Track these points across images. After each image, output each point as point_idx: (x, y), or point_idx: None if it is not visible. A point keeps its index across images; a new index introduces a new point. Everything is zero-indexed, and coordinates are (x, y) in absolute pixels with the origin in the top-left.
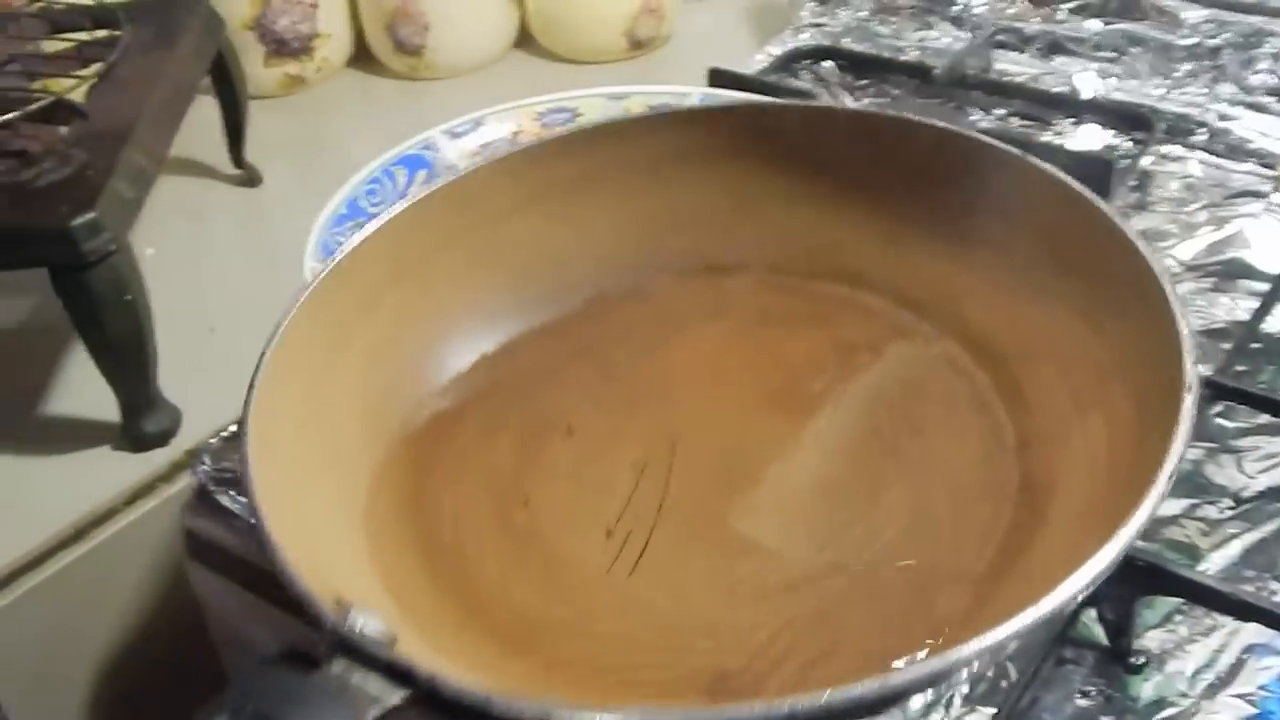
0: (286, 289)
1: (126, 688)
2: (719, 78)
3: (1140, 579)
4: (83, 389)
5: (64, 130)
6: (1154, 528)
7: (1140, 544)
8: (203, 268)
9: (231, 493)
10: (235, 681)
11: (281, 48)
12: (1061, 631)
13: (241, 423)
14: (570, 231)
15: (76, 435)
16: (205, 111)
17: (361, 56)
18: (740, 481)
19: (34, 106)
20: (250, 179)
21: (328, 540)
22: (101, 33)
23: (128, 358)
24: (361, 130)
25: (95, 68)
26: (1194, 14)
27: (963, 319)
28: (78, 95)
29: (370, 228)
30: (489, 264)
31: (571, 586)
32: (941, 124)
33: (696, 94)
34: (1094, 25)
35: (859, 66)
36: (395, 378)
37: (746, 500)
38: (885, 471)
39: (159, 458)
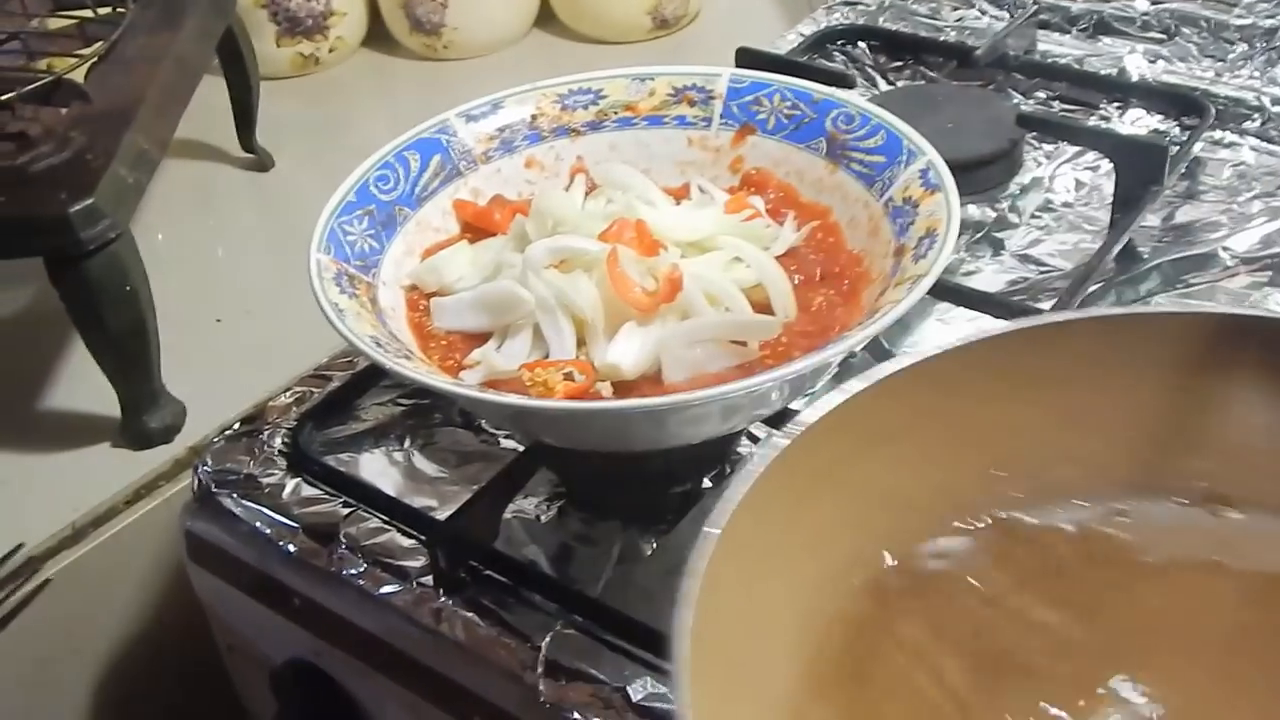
0: (298, 279)
1: (129, 692)
2: (746, 57)
3: None
4: (82, 382)
5: (64, 112)
6: None
7: None
8: (210, 256)
9: (234, 495)
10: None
11: (294, 26)
12: None
13: (682, 603)
14: (1057, 428)
15: (75, 431)
16: (217, 92)
17: (377, 36)
18: None
19: (33, 86)
20: (262, 163)
21: None
22: (106, 10)
23: (129, 352)
24: (377, 112)
25: (98, 46)
26: None
27: None
28: (79, 75)
29: (838, 398)
30: (960, 451)
31: None
32: None
33: (726, 74)
34: (1142, 4)
35: (894, 47)
36: (841, 564)
37: None
38: None
39: (162, 455)
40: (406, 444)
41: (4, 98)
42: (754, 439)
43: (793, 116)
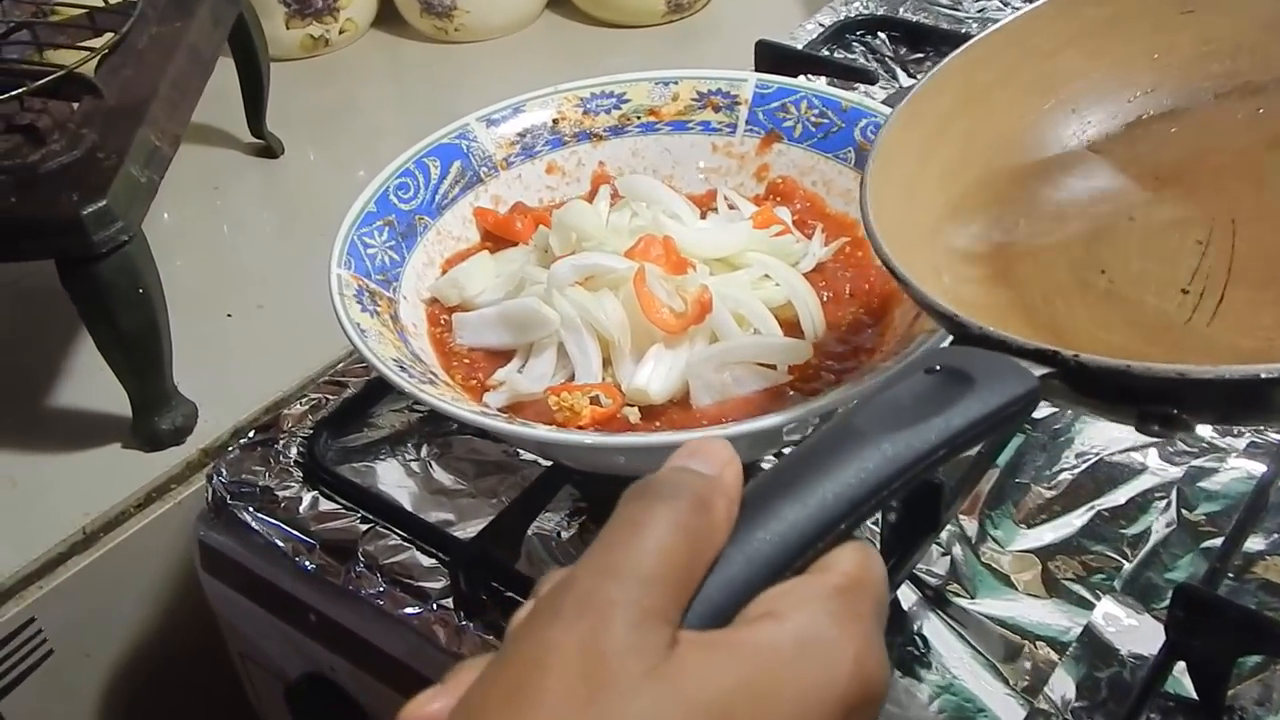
0: (308, 270)
1: (140, 696)
2: (765, 50)
3: (1238, 632)
4: (92, 382)
5: (75, 106)
6: (1245, 564)
7: (1233, 583)
8: (220, 248)
9: (250, 508)
10: (925, 354)
11: (304, 8)
12: (1149, 684)
13: (863, 205)
14: (1109, 65)
15: (86, 432)
16: (226, 77)
17: (387, 17)
18: None
19: (43, 80)
20: (271, 149)
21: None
22: None
23: (140, 353)
24: (387, 95)
25: (108, 38)
26: None
27: None
28: (89, 68)
29: (938, 67)
30: (1041, 95)
31: (1157, 333)
32: None
33: (751, 79)
34: None
35: (915, 38)
36: (967, 190)
37: None
38: None
39: (173, 456)
40: (423, 452)
41: (13, 93)
42: (779, 456)
43: (820, 124)
